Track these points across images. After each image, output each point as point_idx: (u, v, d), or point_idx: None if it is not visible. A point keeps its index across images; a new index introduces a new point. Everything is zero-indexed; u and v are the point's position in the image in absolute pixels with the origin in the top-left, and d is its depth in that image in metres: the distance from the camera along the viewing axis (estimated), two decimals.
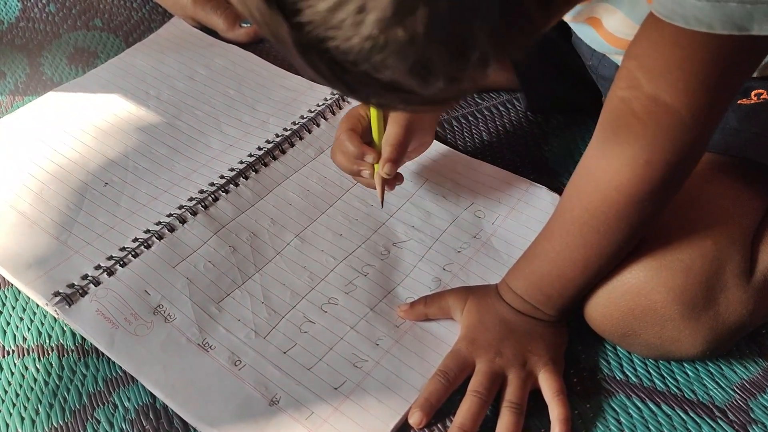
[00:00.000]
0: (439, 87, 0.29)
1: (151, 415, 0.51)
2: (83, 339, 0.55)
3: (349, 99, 0.76)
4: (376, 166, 0.59)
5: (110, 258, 0.59)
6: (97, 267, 0.58)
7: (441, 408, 0.51)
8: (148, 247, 0.60)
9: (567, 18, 0.59)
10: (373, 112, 0.59)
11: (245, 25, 0.85)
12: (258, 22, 0.29)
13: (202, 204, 0.63)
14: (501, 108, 0.77)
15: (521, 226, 0.64)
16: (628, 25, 0.53)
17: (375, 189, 0.60)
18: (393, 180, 0.59)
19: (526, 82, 0.74)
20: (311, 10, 0.27)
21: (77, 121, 0.73)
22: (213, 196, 0.64)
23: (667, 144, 0.44)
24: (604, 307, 0.51)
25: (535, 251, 0.53)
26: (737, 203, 0.53)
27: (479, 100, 0.78)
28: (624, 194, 0.46)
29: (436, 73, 0.28)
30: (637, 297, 0.50)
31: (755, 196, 0.54)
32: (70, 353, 0.54)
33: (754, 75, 0.55)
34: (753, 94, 0.56)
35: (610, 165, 0.47)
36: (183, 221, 0.62)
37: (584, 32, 0.60)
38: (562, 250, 0.51)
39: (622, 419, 0.51)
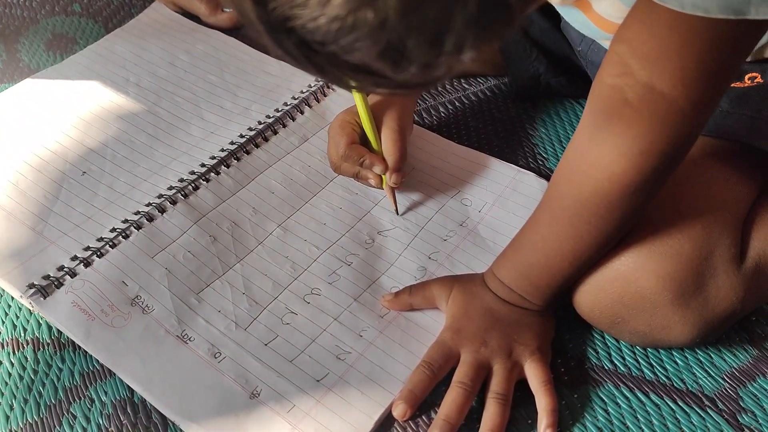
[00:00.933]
0: (412, 72, 0.28)
1: (128, 410, 0.50)
2: (59, 332, 0.54)
3: (333, 87, 0.74)
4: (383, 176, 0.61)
5: (87, 249, 0.57)
6: (74, 258, 0.56)
7: (426, 399, 0.50)
8: (126, 237, 0.58)
9: (554, 1, 0.58)
10: (365, 119, 0.59)
11: (227, 10, 0.83)
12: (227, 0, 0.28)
13: (182, 193, 0.62)
14: (488, 93, 0.76)
15: (508, 213, 0.63)
16: (618, 8, 0.52)
17: (373, 187, 0.62)
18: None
19: (513, 69, 0.73)
20: None
21: (55, 108, 0.71)
22: (193, 184, 0.63)
23: (664, 134, 0.43)
24: (592, 295, 0.50)
25: (523, 241, 0.52)
26: (728, 188, 0.52)
27: (466, 86, 0.77)
28: (617, 184, 0.45)
29: (409, 58, 0.27)
30: (626, 284, 0.49)
31: (746, 181, 0.53)
32: (46, 347, 0.53)
33: (748, 59, 0.54)
34: (747, 77, 0.55)
35: (602, 155, 0.45)
36: (162, 210, 0.60)
37: (573, 16, 0.59)
38: (550, 240, 0.50)
39: (610, 409, 0.50)
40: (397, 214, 0.62)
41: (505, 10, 0.27)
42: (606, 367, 0.53)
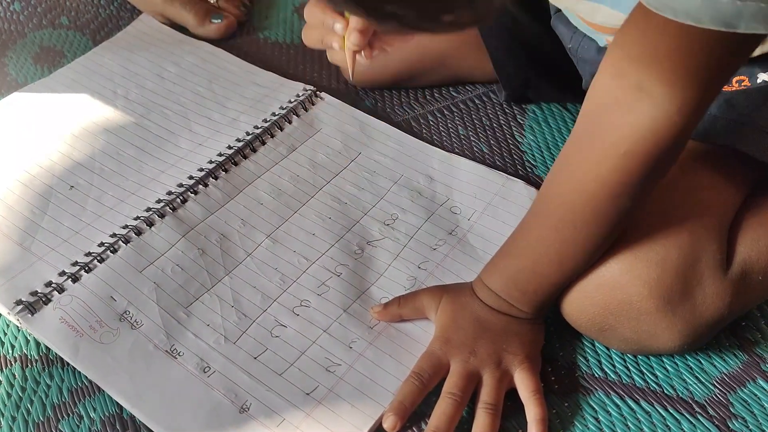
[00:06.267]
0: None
1: (117, 426, 0.49)
2: (47, 348, 0.53)
3: (322, 95, 0.74)
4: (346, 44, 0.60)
5: (75, 264, 0.57)
6: (62, 273, 0.56)
7: (416, 410, 0.49)
8: (115, 251, 0.58)
9: (560, 4, 0.58)
10: None
11: (216, 21, 0.83)
12: None
13: (170, 206, 0.62)
14: (477, 101, 0.76)
15: (498, 221, 0.63)
16: (615, 17, 0.52)
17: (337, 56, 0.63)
18: (367, 52, 0.61)
19: (503, 74, 0.73)
20: None
21: (42, 122, 0.71)
22: (181, 197, 0.63)
23: (649, 135, 0.43)
24: (579, 302, 0.50)
25: (511, 246, 0.52)
26: (714, 194, 0.52)
27: (455, 94, 0.77)
28: (602, 185, 0.45)
29: None
30: (612, 291, 0.49)
31: (732, 186, 0.53)
32: (34, 363, 0.53)
33: None
34: (734, 81, 0.55)
35: (588, 155, 0.46)
36: (150, 224, 0.60)
37: (573, 17, 0.59)
38: (537, 245, 0.50)
39: (600, 417, 0.50)
40: (350, 79, 0.62)
41: None
42: (596, 375, 0.53)
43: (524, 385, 0.50)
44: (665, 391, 0.51)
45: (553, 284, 0.50)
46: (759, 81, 0.54)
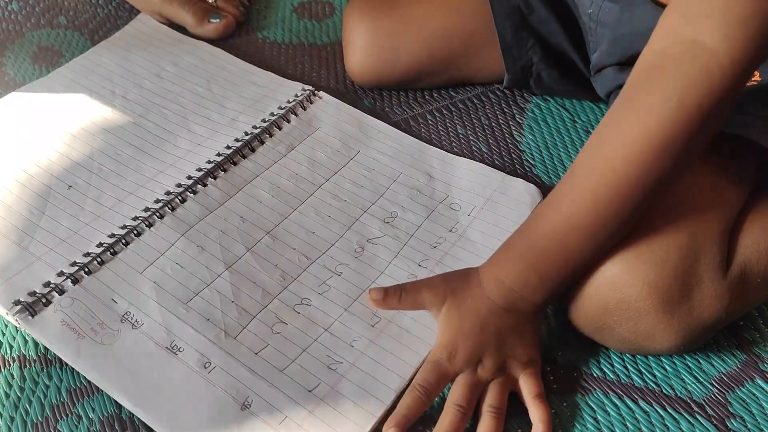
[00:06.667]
0: None
1: (116, 426, 0.49)
2: (46, 349, 0.53)
3: (320, 94, 0.74)
4: None
5: (74, 264, 0.57)
6: (60, 274, 0.56)
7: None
8: (115, 253, 0.58)
9: None
10: None
11: (214, 21, 0.83)
12: None
13: (169, 206, 0.62)
14: (476, 100, 0.76)
15: (498, 216, 0.63)
16: None
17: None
18: None
19: (507, 56, 0.72)
20: None
21: (41, 122, 0.71)
22: (180, 197, 0.63)
23: (702, 84, 0.43)
24: (578, 301, 0.50)
25: (533, 230, 0.50)
26: (715, 195, 0.52)
27: (453, 93, 0.77)
28: (649, 139, 0.44)
29: None
30: (611, 290, 0.49)
31: (734, 188, 0.53)
32: (33, 363, 0.53)
33: None
34: None
35: (637, 111, 0.45)
36: (150, 224, 0.60)
37: None
38: (569, 217, 0.48)
39: (599, 417, 0.50)
40: None
41: None
42: (595, 375, 0.53)
43: (528, 390, 0.50)
44: (664, 391, 0.52)
45: (575, 263, 0.48)
46: None
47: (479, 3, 0.71)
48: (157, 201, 0.62)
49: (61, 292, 0.55)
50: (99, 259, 0.57)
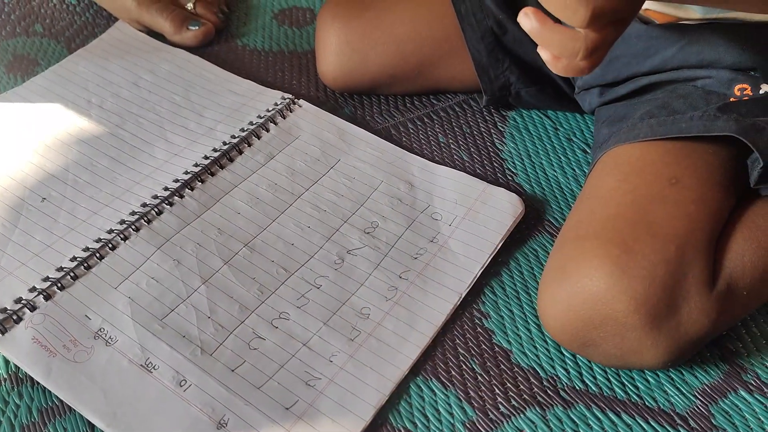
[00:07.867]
0: None
1: None
2: (17, 367, 0.52)
3: (300, 102, 0.73)
4: None
5: (46, 279, 0.55)
6: (32, 289, 0.55)
7: (412, 404, 0.48)
8: (89, 268, 0.57)
9: None
10: None
11: (193, 28, 0.82)
12: None
13: (145, 218, 0.61)
14: (457, 108, 0.75)
15: (479, 225, 0.62)
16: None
17: None
18: None
19: (484, 78, 0.72)
20: None
21: (14, 132, 0.69)
22: (156, 209, 0.61)
23: None
24: (562, 316, 0.50)
25: None
26: (702, 207, 0.51)
27: (435, 101, 0.76)
28: None
29: None
30: (597, 305, 0.48)
31: (720, 200, 0.52)
32: (3, 382, 0.51)
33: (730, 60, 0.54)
34: (736, 89, 0.55)
35: None
36: (125, 238, 0.59)
37: None
38: None
39: (581, 431, 0.50)
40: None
41: None
42: (577, 388, 0.52)
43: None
44: (646, 403, 0.51)
45: None
46: (761, 92, 0.54)
47: (452, 11, 0.70)
48: (133, 213, 0.61)
49: (33, 308, 0.54)
50: (72, 274, 0.56)
